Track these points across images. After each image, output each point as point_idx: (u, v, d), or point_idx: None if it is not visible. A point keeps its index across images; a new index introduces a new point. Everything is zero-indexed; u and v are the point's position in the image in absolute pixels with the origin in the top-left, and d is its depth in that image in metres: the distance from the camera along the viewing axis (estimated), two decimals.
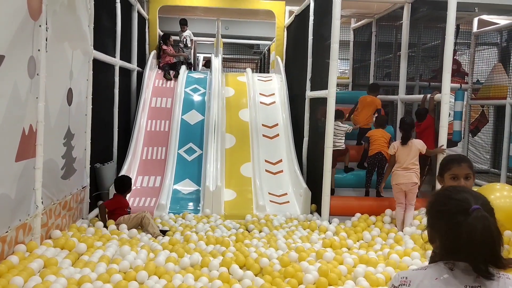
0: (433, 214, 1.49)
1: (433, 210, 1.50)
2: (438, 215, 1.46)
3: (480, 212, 1.37)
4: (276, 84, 8.62)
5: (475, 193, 1.46)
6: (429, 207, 1.52)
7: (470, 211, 1.37)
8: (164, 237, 4.77)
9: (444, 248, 1.43)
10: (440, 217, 1.45)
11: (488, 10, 8.16)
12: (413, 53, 7.66)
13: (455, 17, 5.16)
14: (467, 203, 1.40)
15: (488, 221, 1.37)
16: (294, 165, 6.82)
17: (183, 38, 9.40)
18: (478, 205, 1.39)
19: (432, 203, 1.51)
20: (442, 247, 1.44)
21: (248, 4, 9.32)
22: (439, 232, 1.45)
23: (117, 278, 3.45)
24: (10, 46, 3.28)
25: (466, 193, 1.44)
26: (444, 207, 1.45)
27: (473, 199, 1.41)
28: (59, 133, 4.44)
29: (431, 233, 1.50)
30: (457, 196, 1.44)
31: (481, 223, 1.35)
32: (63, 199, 4.58)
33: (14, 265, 3.41)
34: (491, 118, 8.99)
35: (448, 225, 1.41)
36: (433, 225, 1.49)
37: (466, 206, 1.39)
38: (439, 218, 1.46)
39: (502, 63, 8.17)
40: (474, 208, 1.38)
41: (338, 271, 3.75)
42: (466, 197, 1.42)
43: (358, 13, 8.77)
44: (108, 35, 6.41)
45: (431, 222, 1.50)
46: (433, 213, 1.49)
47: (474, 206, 1.38)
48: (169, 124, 7.55)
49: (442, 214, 1.45)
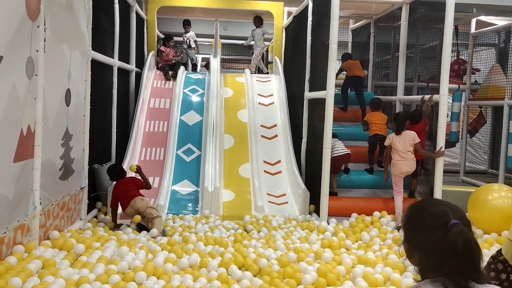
0: (410, 229, 1.45)
1: (410, 225, 1.45)
2: (416, 230, 1.42)
3: (459, 227, 1.34)
4: (275, 85, 8.62)
5: (451, 206, 1.42)
6: (405, 221, 1.47)
7: (449, 226, 1.34)
8: (162, 238, 4.77)
9: (425, 265, 1.40)
10: (418, 233, 1.41)
11: (486, 11, 8.18)
12: (411, 54, 7.68)
13: (453, 18, 5.17)
14: (446, 217, 1.37)
15: (468, 236, 1.34)
16: (293, 165, 6.83)
17: (186, 39, 9.38)
18: (457, 219, 1.36)
19: (408, 218, 1.47)
20: (422, 262, 1.41)
21: (247, 5, 9.33)
22: (418, 248, 1.41)
23: (116, 279, 3.44)
24: (8, 46, 3.27)
25: (443, 206, 1.41)
26: (421, 222, 1.41)
27: (451, 213, 1.38)
28: (57, 134, 4.43)
29: (408, 248, 1.45)
30: (433, 209, 1.41)
31: (461, 238, 1.32)
32: (62, 200, 4.57)
33: (12, 266, 3.40)
34: (489, 119, 9.01)
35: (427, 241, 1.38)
36: (410, 240, 1.44)
37: (445, 221, 1.36)
38: (417, 234, 1.42)
39: (500, 64, 8.19)
40: (453, 223, 1.35)
41: (337, 271, 3.75)
42: (444, 210, 1.39)
43: (357, 14, 8.78)
44: (106, 35, 6.40)
45: (408, 237, 1.45)
46: (410, 228, 1.45)
47: (453, 221, 1.35)
48: (167, 124, 7.54)
49: (420, 229, 1.41)
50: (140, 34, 8.64)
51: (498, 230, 4.95)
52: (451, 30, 5.15)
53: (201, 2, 9.28)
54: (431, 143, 6.21)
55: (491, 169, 8.64)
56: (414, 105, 7.60)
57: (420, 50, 7.99)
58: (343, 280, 3.68)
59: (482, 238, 4.94)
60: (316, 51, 6.65)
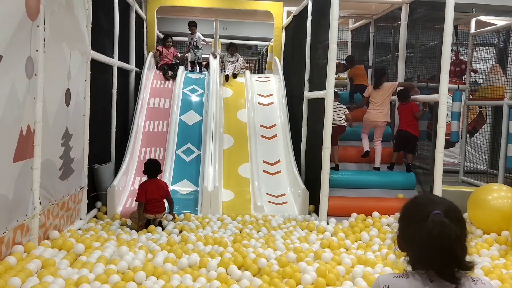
0: (401, 222, 1.50)
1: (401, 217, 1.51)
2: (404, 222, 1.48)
3: (437, 217, 1.36)
4: (274, 84, 8.62)
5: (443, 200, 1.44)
6: (399, 216, 1.52)
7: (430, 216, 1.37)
8: (162, 236, 4.77)
9: (415, 258, 1.43)
10: (406, 224, 1.47)
11: (486, 11, 8.19)
12: (411, 53, 7.68)
13: (453, 18, 5.17)
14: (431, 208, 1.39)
15: (445, 226, 1.34)
16: (292, 165, 6.83)
17: (193, 41, 9.28)
18: (440, 210, 1.37)
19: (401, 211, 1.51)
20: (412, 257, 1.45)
21: (246, 5, 9.32)
22: (405, 240, 1.46)
23: (115, 279, 3.44)
24: (7, 46, 3.27)
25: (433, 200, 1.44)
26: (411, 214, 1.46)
27: (436, 205, 1.40)
28: (57, 134, 4.43)
29: (400, 242, 1.49)
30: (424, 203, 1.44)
31: (437, 228, 1.34)
32: (61, 200, 4.57)
33: (11, 266, 3.40)
34: (488, 119, 9.01)
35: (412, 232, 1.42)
36: (401, 233, 1.49)
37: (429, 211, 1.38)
38: (405, 225, 1.47)
39: (499, 64, 8.19)
40: (434, 213, 1.37)
41: (336, 271, 3.75)
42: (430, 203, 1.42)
43: (356, 14, 8.79)
44: (106, 35, 6.40)
45: (400, 230, 1.50)
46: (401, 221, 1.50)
47: (434, 211, 1.37)
48: (167, 124, 7.54)
49: (408, 221, 1.46)
50: (140, 34, 8.64)
51: (498, 230, 4.95)
52: (451, 30, 5.15)
53: (201, 2, 9.27)
54: (430, 143, 6.23)
55: (491, 169, 8.64)
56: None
57: (420, 50, 7.99)
58: (343, 280, 3.68)
59: (482, 238, 4.95)
60: (315, 51, 6.65)
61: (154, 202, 5.17)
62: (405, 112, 6.45)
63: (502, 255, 4.50)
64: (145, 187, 5.18)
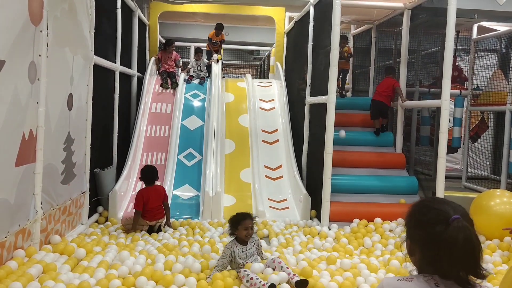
0: (412, 225, 1.48)
1: (412, 220, 1.48)
2: (418, 226, 1.45)
3: (460, 222, 1.36)
4: (276, 89, 8.63)
5: (454, 204, 1.45)
6: (408, 218, 1.50)
7: (450, 221, 1.36)
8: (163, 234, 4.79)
9: (424, 259, 1.42)
10: (420, 228, 1.44)
11: (488, 17, 8.20)
12: (412, 59, 7.68)
13: (454, 23, 5.18)
14: (447, 213, 1.39)
15: (468, 231, 1.36)
16: (294, 170, 6.82)
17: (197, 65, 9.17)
18: (458, 215, 1.38)
19: (411, 214, 1.50)
20: (422, 258, 1.43)
21: (248, 10, 9.36)
22: (419, 243, 1.44)
23: (116, 284, 3.43)
24: (10, 51, 3.29)
25: (445, 204, 1.44)
26: (423, 217, 1.44)
27: (452, 210, 1.40)
28: (59, 138, 4.44)
29: (410, 245, 1.48)
30: (436, 206, 1.44)
31: (462, 233, 1.35)
32: (63, 204, 4.57)
33: (13, 271, 3.40)
34: (491, 124, 9.00)
35: (428, 236, 1.40)
36: (413, 236, 1.47)
37: (446, 216, 1.38)
38: (419, 229, 1.44)
39: (501, 70, 8.19)
40: (454, 218, 1.37)
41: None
42: (446, 208, 1.41)
43: (358, 19, 8.80)
44: (108, 40, 6.42)
45: (410, 233, 1.48)
46: (412, 224, 1.48)
47: (454, 216, 1.37)
48: (169, 129, 7.55)
49: (422, 224, 1.44)
50: (142, 39, 8.67)
51: (500, 236, 4.93)
52: (452, 35, 5.15)
53: (203, 8, 9.31)
54: (432, 149, 6.21)
55: (493, 174, 8.62)
56: (416, 111, 7.60)
57: (422, 55, 8.00)
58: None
59: (484, 244, 4.92)
60: (317, 56, 6.66)
61: (155, 210, 5.18)
62: (386, 84, 6.94)
63: (505, 261, 4.47)
64: (145, 195, 5.15)
